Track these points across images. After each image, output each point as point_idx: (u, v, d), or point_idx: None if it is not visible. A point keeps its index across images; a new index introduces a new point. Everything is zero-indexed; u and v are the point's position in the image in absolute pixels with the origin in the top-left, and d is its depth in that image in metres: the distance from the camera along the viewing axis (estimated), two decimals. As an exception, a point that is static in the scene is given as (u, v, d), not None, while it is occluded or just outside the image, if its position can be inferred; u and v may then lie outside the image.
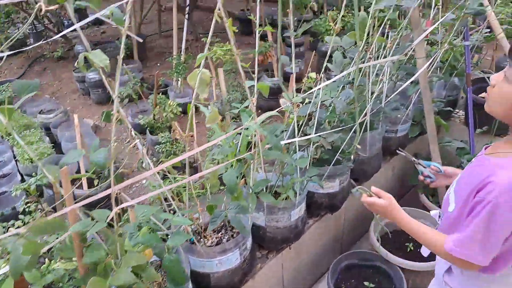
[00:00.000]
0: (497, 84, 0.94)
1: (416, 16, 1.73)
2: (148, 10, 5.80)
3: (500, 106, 0.94)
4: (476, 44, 2.13)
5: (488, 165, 0.96)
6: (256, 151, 1.42)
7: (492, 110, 0.98)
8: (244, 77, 1.34)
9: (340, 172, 1.79)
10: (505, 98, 0.91)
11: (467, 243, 0.96)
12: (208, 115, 1.28)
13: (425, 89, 1.94)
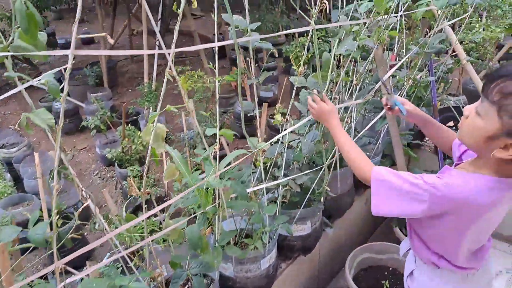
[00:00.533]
0: (470, 116, 0.93)
1: (379, 54, 1.72)
2: (119, 35, 5.72)
3: (471, 138, 0.94)
4: (441, 75, 2.15)
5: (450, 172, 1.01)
6: (220, 203, 1.35)
7: (464, 140, 0.99)
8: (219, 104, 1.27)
9: (311, 214, 1.74)
10: (476, 132, 0.91)
11: (387, 186, 1.01)
12: (166, 171, 1.21)
13: (392, 124, 1.93)
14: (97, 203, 3.21)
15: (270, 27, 4.34)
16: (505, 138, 0.84)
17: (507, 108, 0.81)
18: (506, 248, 2.42)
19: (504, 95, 0.82)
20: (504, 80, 0.82)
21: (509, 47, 4.08)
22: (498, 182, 0.92)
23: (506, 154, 0.85)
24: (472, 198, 0.92)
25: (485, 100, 0.86)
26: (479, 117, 0.88)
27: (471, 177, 0.94)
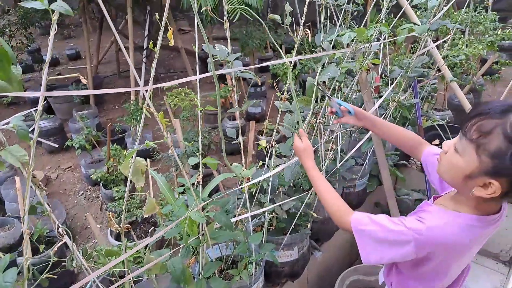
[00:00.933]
0: (448, 152, 0.92)
1: (363, 77, 1.72)
2: (106, 50, 5.69)
3: (450, 175, 0.92)
4: (426, 94, 2.17)
5: (429, 209, 0.99)
6: (204, 234, 1.31)
7: (443, 176, 0.96)
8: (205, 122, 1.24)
9: (298, 239, 1.72)
10: (455, 169, 0.89)
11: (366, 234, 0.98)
12: (145, 205, 1.18)
13: (378, 145, 1.93)
14: (82, 225, 3.14)
15: (258, 43, 4.35)
16: (484, 177, 0.82)
17: (485, 147, 0.80)
18: (494, 265, 2.42)
19: (482, 133, 0.80)
20: (482, 118, 0.80)
21: (492, 62, 4.15)
22: (478, 220, 0.90)
23: (485, 193, 0.83)
24: (455, 239, 0.90)
25: (463, 138, 0.84)
26: (457, 155, 0.86)
27: (451, 216, 0.92)
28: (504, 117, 0.78)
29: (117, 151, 3.07)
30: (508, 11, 7.34)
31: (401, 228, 0.91)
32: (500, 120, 0.78)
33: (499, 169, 0.79)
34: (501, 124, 0.78)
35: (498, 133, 0.78)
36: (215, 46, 1.34)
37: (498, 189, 0.81)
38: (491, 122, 0.79)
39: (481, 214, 0.90)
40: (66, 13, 0.77)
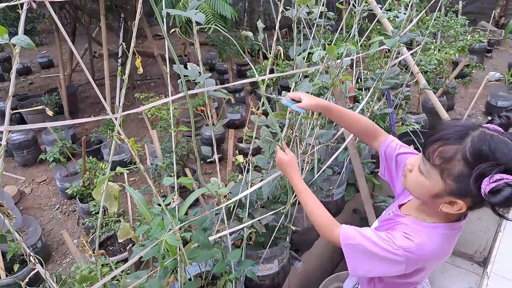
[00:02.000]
0: (413, 171, 0.94)
1: (338, 89, 1.74)
2: (81, 57, 5.56)
3: (417, 192, 0.96)
4: (399, 102, 2.22)
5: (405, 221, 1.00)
6: (180, 255, 1.30)
7: (410, 191, 0.99)
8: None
9: (278, 252, 1.72)
10: (421, 189, 0.92)
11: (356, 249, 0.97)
12: (120, 230, 1.15)
13: (354, 155, 1.96)
14: (59, 241, 3.05)
15: (235, 49, 4.34)
16: (449, 197, 0.86)
17: (449, 172, 0.83)
18: (470, 266, 2.49)
19: (444, 160, 0.83)
20: (443, 144, 0.84)
21: (463, 65, 4.28)
22: (452, 227, 0.94)
23: (452, 209, 0.87)
24: (442, 251, 0.94)
25: (427, 162, 0.87)
26: (423, 176, 0.89)
27: (430, 229, 0.94)
28: (462, 142, 0.81)
29: (93, 163, 3.00)
30: (478, 14, 7.61)
31: (391, 246, 0.91)
32: (460, 145, 0.81)
33: (463, 191, 0.83)
34: (461, 149, 0.81)
35: (459, 159, 0.81)
36: (187, 65, 1.33)
37: (464, 206, 0.86)
38: (452, 148, 0.82)
39: (451, 222, 0.95)
40: (28, 47, 0.74)
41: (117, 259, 2.42)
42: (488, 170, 0.77)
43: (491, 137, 0.81)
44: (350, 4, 1.65)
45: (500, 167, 0.76)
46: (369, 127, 1.18)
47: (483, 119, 4.61)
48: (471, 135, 0.82)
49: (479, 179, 0.78)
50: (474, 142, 0.80)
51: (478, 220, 2.42)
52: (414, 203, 1.04)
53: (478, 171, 0.78)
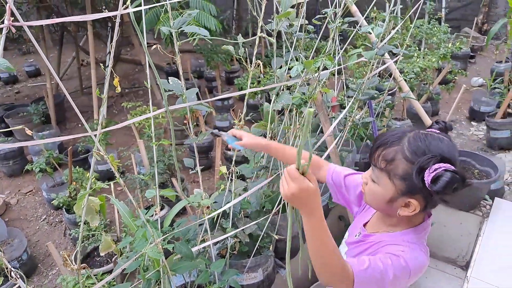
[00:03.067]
0: (368, 183, 0.98)
1: (319, 99, 1.78)
2: (68, 66, 5.55)
3: (375, 204, 1.00)
4: (381, 110, 2.27)
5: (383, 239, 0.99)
6: (163, 267, 1.31)
7: (371, 205, 1.03)
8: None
9: (262, 261, 1.74)
10: (377, 197, 0.96)
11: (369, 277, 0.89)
12: (101, 244, 1.17)
13: (337, 163, 1.99)
14: (45, 252, 3.02)
15: (223, 57, 4.38)
16: (403, 198, 0.90)
17: (395, 172, 0.88)
18: (453, 270, 2.54)
19: (388, 161, 0.89)
20: (384, 148, 0.90)
21: (446, 72, 4.38)
22: (419, 230, 0.97)
23: (408, 211, 0.91)
24: (424, 253, 0.95)
25: (375, 168, 0.93)
26: (375, 184, 0.94)
27: (403, 236, 0.96)
28: (400, 142, 0.88)
29: (80, 173, 2.99)
30: (462, 20, 7.78)
31: (395, 258, 0.89)
32: (398, 146, 0.88)
33: (411, 188, 0.88)
34: (400, 150, 0.88)
35: (400, 158, 0.88)
36: (169, 79, 1.35)
37: (417, 206, 0.90)
38: (392, 149, 0.89)
39: (415, 226, 0.98)
40: (7, 70, 0.76)
41: (103, 270, 2.41)
42: (426, 162, 0.83)
43: (425, 135, 0.89)
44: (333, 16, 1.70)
45: (436, 157, 0.83)
46: (312, 161, 1.05)
47: (467, 124, 4.70)
48: (407, 136, 0.89)
49: (420, 172, 0.84)
50: (411, 140, 0.88)
51: (460, 224, 2.47)
52: (377, 218, 1.06)
53: (418, 165, 0.84)
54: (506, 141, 3.84)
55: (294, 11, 1.63)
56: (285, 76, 1.50)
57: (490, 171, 2.48)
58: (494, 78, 4.57)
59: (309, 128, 0.76)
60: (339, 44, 2.02)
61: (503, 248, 2.15)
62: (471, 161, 2.61)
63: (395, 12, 3.93)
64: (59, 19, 0.87)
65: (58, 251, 3.03)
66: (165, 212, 2.86)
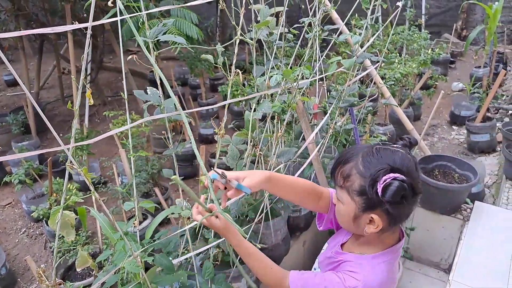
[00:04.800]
0: (336, 203, 0.98)
1: (300, 107, 1.78)
2: (49, 74, 5.46)
3: (343, 223, 0.99)
4: (363, 117, 2.29)
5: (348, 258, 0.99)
6: (143, 280, 1.28)
7: (342, 226, 1.03)
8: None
9: (245, 271, 1.72)
10: (343, 217, 0.96)
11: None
12: (77, 259, 1.13)
13: (319, 170, 2.00)
14: (25, 266, 2.94)
15: (206, 65, 4.36)
16: (365, 214, 0.89)
17: (352, 188, 0.89)
18: (436, 274, 2.56)
19: (345, 178, 0.90)
20: (342, 166, 0.92)
21: (427, 77, 4.46)
22: (391, 252, 0.96)
23: (373, 227, 0.89)
24: (388, 279, 0.94)
25: (336, 187, 0.94)
26: (340, 203, 0.95)
27: (372, 260, 0.95)
28: (355, 159, 0.89)
29: (60, 185, 2.93)
30: (441, 26, 7.97)
31: (339, 282, 0.91)
32: (353, 162, 0.89)
33: (369, 203, 0.87)
34: (354, 165, 0.89)
35: (355, 173, 0.88)
36: (147, 90, 1.33)
37: (379, 221, 0.88)
38: (349, 166, 0.90)
39: (388, 247, 0.97)
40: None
41: (84, 284, 2.36)
42: (377, 174, 0.84)
43: (378, 149, 0.89)
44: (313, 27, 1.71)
45: (386, 169, 0.84)
46: (312, 190, 1.11)
47: (448, 128, 4.80)
48: (363, 151, 0.90)
49: (373, 185, 0.84)
50: (364, 155, 0.89)
51: (442, 228, 2.50)
52: (353, 240, 1.05)
53: (370, 178, 0.85)
54: (486, 144, 3.93)
55: (274, 19, 1.64)
56: (266, 84, 1.50)
57: (470, 175, 2.53)
58: (473, 83, 4.68)
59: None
60: (320, 51, 2.04)
61: (483, 251, 2.19)
62: (451, 165, 2.65)
63: (374, 19, 3.99)
64: (28, 31, 0.85)
65: (39, 265, 2.95)
66: (148, 222, 2.82)
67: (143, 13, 1.16)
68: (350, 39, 2.42)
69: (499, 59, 5.75)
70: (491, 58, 5.02)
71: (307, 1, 1.97)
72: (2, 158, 0.87)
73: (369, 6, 1.82)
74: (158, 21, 2.42)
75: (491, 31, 5.02)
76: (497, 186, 3.21)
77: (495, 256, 2.15)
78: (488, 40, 5.28)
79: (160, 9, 1.36)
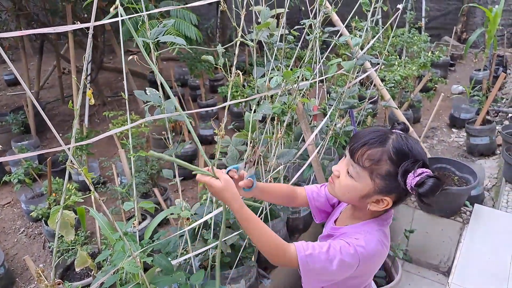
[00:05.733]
0: (341, 176, 1.00)
1: (300, 108, 1.78)
2: (49, 74, 5.46)
3: (346, 196, 1.02)
4: (363, 119, 2.30)
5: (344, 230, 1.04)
6: (142, 281, 1.28)
7: (337, 196, 1.06)
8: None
9: (244, 272, 1.72)
10: (351, 192, 0.99)
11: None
12: (76, 259, 1.13)
13: (318, 171, 2.00)
14: (23, 266, 2.93)
15: (206, 65, 4.37)
16: (378, 195, 0.96)
17: (378, 172, 0.93)
18: (435, 276, 2.56)
19: (374, 162, 0.93)
20: (369, 148, 0.93)
21: (427, 80, 4.47)
22: (382, 220, 1.03)
23: (378, 207, 0.97)
24: (382, 244, 0.99)
25: (356, 165, 0.95)
26: (352, 179, 0.97)
27: (366, 226, 1.01)
28: (385, 144, 0.93)
29: (60, 184, 2.92)
30: (441, 29, 7.98)
31: (346, 248, 0.94)
32: (384, 147, 0.93)
33: (390, 188, 0.94)
34: (386, 151, 0.92)
35: (385, 159, 0.92)
36: (147, 90, 1.34)
37: (390, 202, 0.96)
38: (378, 150, 0.93)
39: (377, 217, 1.03)
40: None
41: (82, 284, 2.35)
42: (411, 166, 0.90)
43: (406, 138, 0.95)
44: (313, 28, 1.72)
45: (419, 162, 0.90)
46: (289, 191, 1.23)
47: (448, 131, 4.80)
48: (390, 138, 0.94)
49: (404, 174, 0.90)
50: (395, 144, 0.93)
51: (441, 231, 2.50)
52: (346, 213, 1.11)
53: (403, 168, 0.90)
54: (486, 147, 3.93)
55: (275, 21, 1.65)
56: (266, 86, 1.50)
57: (470, 178, 2.53)
58: (473, 86, 4.69)
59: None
60: (321, 53, 2.04)
61: (483, 254, 2.18)
62: (451, 168, 2.66)
63: (374, 22, 4.00)
64: (29, 31, 0.85)
65: (37, 265, 2.95)
66: (147, 222, 2.81)
67: (143, 13, 1.16)
68: (350, 41, 2.42)
69: (499, 62, 5.76)
70: (491, 61, 5.03)
71: (307, 3, 1.98)
72: (2, 159, 0.87)
73: (370, 8, 1.82)
74: (157, 22, 2.43)
75: (491, 34, 5.03)
76: (497, 189, 3.21)
77: (495, 259, 2.14)
78: (488, 43, 5.29)
79: (160, 10, 1.36)
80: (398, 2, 2.07)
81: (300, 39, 1.84)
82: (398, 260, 2.24)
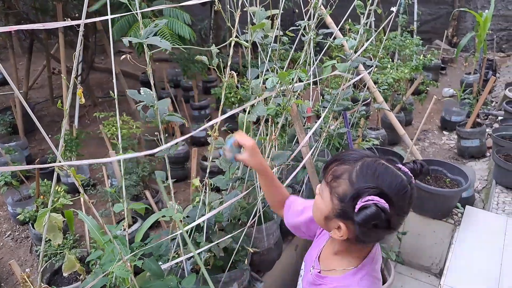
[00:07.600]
0: (316, 194, 0.95)
1: (294, 110, 1.77)
2: (39, 74, 5.37)
3: (315, 215, 0.95)
4: (356, 121, 2.30)
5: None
6: (132, 285, 1.25)
7: (313, 215, 0.98)
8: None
9: (237, 276, 1.69)
10: (317, 211, 0.92)
11: None
12: (64, 263, 1.10)
13: (312, 174, 1.99)
14: (9, 270, 2.86)
15: (200, 67, 4.34)
16: (336, 220, 0.86)
17: (336, 190, 0.84)
18: (427, 278, 2.57)
19: (334, 177, 0.85)
20: (337, 164, 0.86)
21: (418, 83, 4.50)
22: (369, 261, 0.93)
23: (338, 235, 0.86)
24: (378, 282, 0.93)
25: (323, 181, 0.90)
26: (319, 197, 0.91)
27: (355, 276, 0.91)
28: (354, 164, 0.83)
29: (48, 186, 2.87)
30: (433, 33, 8.06)
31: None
32: (350, 166, 0.83)
33: (344, 212, 0.83)
34: (349, 170, 0.83)
35: (345, 178, 0.83)
36: (141, 90, 1.31)
37: (345, 232, 0.85)
38: (343, 167, 0.84)
39: (365, 255, 0.93)
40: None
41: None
42: (364, 191, 0.79)
43: (382, 165, 0.83)
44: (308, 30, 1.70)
45: (375, 189, 0.78)
46: (283, 200, 1.26)
47: (439, 133, 4.84)
48: (364, 160, 0.84)
49: (355, 198, 0.79)
50: (363, 165, 0.83)
51: (433, 233, 2.51)
52: (328, 249, 1.02)
53: (355, 191, 0.80)
54: (476, 149, 3.97)
55: (269, 22, 1.63)
56: (260, 87, 1.48)
57: (461, 180, 2.54)
58: (464, 89, 4.73)
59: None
60: (315, 55, 2.03)
61: (474, 255, 2.19)
62: (442, 170, 2.67)
63: (368, 25, 4.02)
64: (18, 26, 0.82)
65: (24, 269, 2.88)
66: (138, 225, 2.77)
67: (137, 11, 1.13)
68: (345, 43, 2.42)
69: (488, 66, 5.84)
70: (481, 65, 5.09)
71: (301, 4, 1.97)
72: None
73: (364, 11, 1.82)
74: (150, 21, 2.39)
75: (481, 39, 5.09)
76: (487, 191, 3.24)
77: (486, 261, 2.15)
78: (478, 47, 5.35)
79: (152, 9, 1.34)
80: (390, 6, 2.07)
81: (294, 41, 1.83)
82: (391, 262, 2.24)
